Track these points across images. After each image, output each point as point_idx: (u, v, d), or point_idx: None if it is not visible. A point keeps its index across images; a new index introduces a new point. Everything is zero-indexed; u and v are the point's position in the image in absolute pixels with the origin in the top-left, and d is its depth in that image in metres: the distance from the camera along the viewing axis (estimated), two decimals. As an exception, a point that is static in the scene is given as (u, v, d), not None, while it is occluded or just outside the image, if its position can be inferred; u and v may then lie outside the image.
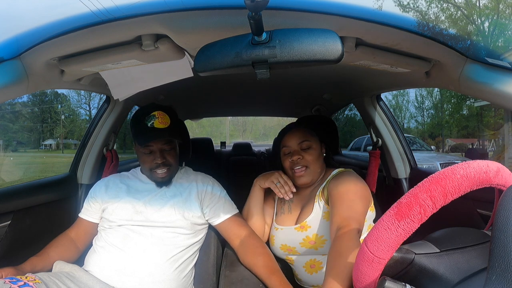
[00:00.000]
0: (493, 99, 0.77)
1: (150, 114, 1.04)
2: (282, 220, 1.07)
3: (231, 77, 1.43)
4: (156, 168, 1.06)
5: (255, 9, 0.47)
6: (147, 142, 1.04)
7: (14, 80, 0.76)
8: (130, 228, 1.01)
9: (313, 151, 1.04)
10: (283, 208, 1.10)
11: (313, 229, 0.97)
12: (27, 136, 23.93)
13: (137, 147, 1.09)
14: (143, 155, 1.07)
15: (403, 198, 0.44)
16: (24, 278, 0.79)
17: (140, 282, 0.94)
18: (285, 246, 1.02)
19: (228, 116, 4.00)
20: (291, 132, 1.08)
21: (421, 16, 13.39)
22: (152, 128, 1.03)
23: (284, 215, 1.07)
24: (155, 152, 1.06)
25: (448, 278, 0.45)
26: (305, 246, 0.98)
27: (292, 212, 1.06)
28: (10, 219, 1.12)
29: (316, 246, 0.96)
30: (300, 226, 0.99)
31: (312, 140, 1.05)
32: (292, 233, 1.00)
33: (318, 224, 0.96)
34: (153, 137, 1.03)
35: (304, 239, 0.97)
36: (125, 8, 0.68)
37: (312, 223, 0.97)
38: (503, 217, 0.39)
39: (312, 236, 0.96)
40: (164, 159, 1.06)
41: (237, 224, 1.08)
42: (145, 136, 1.03)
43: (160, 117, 1.04)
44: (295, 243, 0.99)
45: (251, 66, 0.56)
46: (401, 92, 22.75)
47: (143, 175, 1.14)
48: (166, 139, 1.06)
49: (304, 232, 0.98)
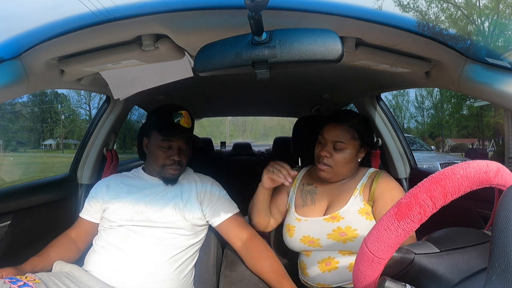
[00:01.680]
0: (493, 99, 0.77)
1: (178, 112, 1.08)
2: (306, 211, 1.03)
3: (231, 77, 1.43)
4: (171, 165, 1.07)
5: (255, 9, 0.47)
6: (172, 136, 1.07)
7: (14, 80, 0.76)
8: (130, 228, 1.01)
9: (345, 155, 0.99)
10: (305, 200, 1.06)
11: (346, 221, 0.94)
12: (27, 136, 23.93)
13: (153, 140, 1.09)
14: (159, 150, 1.08)
15: (403, 198, 0.44)
16: (24, 278, 0.79)
17: (140, 282, 0.94)
18: (307, 238, 0.98)
19: (228, 116, 4.01)
20: (334, 124, 1.01)
21: (421, 16, 13.40)
22: (178, 125, 1.07)
23: (308, 207, 1.04)
24: (174, 148, 1.08)
25: (448, 278, 0.45)
26: (333, 238, 0.94)
27: (316, 204, 1.03)
28: (10, 219, 1.12)
29: (345, 238, 0.92)
30: (331, 217, 0.96)
31: (348, 144, 0.99)
32: (320, 224, 0.97)
33: (352, 217, 0.94)
34: (178, 133, 1.07)
35: (334, 230, 0.94)
36: (125, 8, 0.68)
37: (345, 215, 0.95)
38: (503, 217, 0.39)
39: (344, 227, 0.93)
40: (180, 158, 1.08)
41: (238, 224, 1.08)
42: (170, 130, 1.06)
43: (186, 116, 1.09)
44: (321, 234, 0.96)
45: (251, 66, 0.56)
46: (401, 92, 22.77)
47: (145, 175, 1.14)
48: (186, 139, 1.10)
49: (335, 222, 0.95)
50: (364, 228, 0.93)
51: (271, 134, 35.48)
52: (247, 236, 1.06)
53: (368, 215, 0.95)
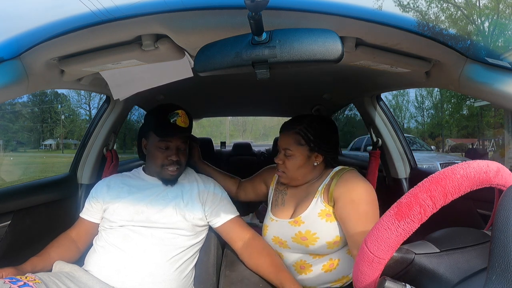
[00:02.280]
0: (493, 99, 0.77)
1: (175, 111, 1.07)
2: (278, 212, 1.06)
3: (231, 77, 1.43)
4: (169, 165, 1.07)
5: (255, 9, 0.47)
6: (169, 136, 1.06)
7: (14, 80, 0.76)
8: (130, 229, 1.01)
9: (295, 160, 1.00)
10: (277, 200, 1.09)
11: (306, 225, 0.95)
12: (27, 136, 23.92)
13: (151, 141, 1.09)
14: (157, 150, 1.07)
15: (403, 198, 0.45)
16: (24, 278, 0.79)
17: (140, 282, 0.94)
18: (276, 239, 1.02)
19: (228, 116, 4.01)
20: (283, 133, 1.04)
21: (421, 16, 13.39)
22: (175, 124, 1.06)
23: (278, 208, 1.07)
24: (172, 149, 1.07)
25: (448, 278, 0.45)
26: (296, 241, 0.97)
27: (285, 205, 1.05)
28: (10, 219, 1.11)
29: (307, 243, 0.94)
30: (294, 221, 0.98)
31: (295, 150, 0.99)
32: (286, 226, 1.00)
33: (312, 221, 0.95)
34: (175, 133, 1.06)
35: (296, 234, 0.96)
36: (125, 8, 0.68)
37: (306, 219, 0.96)
38: (503, 217, 0.39)
39: (304, 232, 0.95)
40: (178, 158, 1.07)
41: (239, 226, 1.08)
42: (167, 130, 1.05)
43: (183, 116, 1.08)
44: (287, 237, 0.99)
45: (251, 66, 0.56)
46: (401, 92, 22.74)
47: (145, 175, 1.14)
48: (184, 138, 1.09)
49: (297, 227, 0.97)
50: (325, 231, 0.93)
51: (271, 134, 35.47)
52: (249, 237, 1.06)
53: (329, 216, 0.94)
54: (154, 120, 1.10)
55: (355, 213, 0.88)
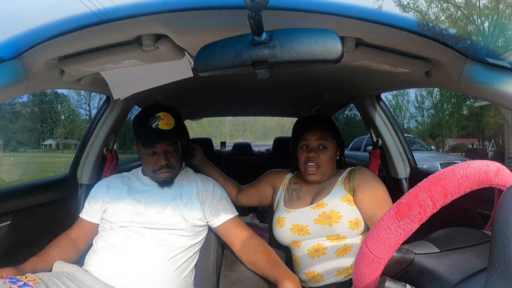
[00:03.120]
0: (493, 99, 0.77)
1: (155, 115, 1.03)
2: (293, 205, 1.10)
3: (231, 77, 1.43)
4: (160, 170, 1.05)
5: (255, 9, 0.47)
6: (152, 144, 1.03)
7: (14, 80, 0.76)
8: (130, 229, 1.01)
9: (329, 152, 1.09)
10: (292, 196, 1.14)
11: (329, 207, 1.01)
12: (27, 136, 23.92)
13: (139, 148, 1.08)
14: (146, 157, 1.06)
15: (403, 198, 0.44)
16: (24, 278, 0.79)
17: (140, 282, 0.94)
18: (296, 226, 1.04)
19: (228, 116, 4.00)
20: (314, 129, 1.11)
21: (421, 16, 13.39)
22: (157, 129, 1.02)
23: (294, 202, 1.11)
24: (159, 153, 1.05)
25: (448, 278, 0.45)
26: (320, 222, 1.01)
27: (301, 199, 1.11)
28: (10, 219, 1.12)
29: (331, 221, 0.99)
30: (317, 205, 1.04)
31: (330, 141, 1.10)
32: (307, 212, 1.04)
33: (335, 203, 1.02)
34: (158, 139, 1.02)
35: (320, 215, 1.01)
36: (125, 8, 0.68)
37: (329, 202, 1.03)
38: (503, 217, 0.39)
39: (329, 211, 1.01)
40: (167, 161, 1.05)
41: (238, 226, 1.08)
42: (149, 137, 1.02)
43: (165, 118, 1.03)
44: (309, 222, 1.02)
45: (251, 66, 0.56)
46: (401, 92, 22.75)
47: (144, 176, 1.14)
48: (170, 141, 1.06)
49: (320, 209, 1.02)
50: (347, 211, 1.00)
51: (271, 134, 35.48)
52: (247, 236, 1.06)
53: (350, 202, 1.02)
54: (137, 127, 1.07)
55: (374, 198, 0.99)
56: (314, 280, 1.03)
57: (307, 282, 1.05)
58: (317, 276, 1.02)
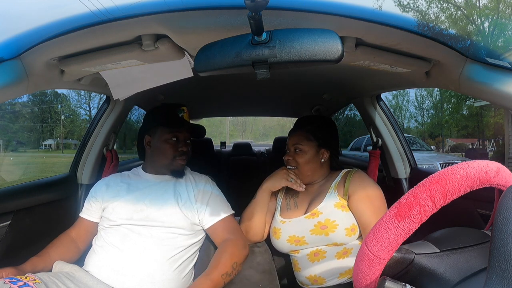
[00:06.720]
0: (493, 99, 0.77)
1: (180, 108, 1.16)
2: (289, 214, 1.10)
3: (231, 77, 1.43)
4: (180, 156, 1.12)
5: (255, 9, 0.47)
6: (182, 125, 1.14)
7: (14, 80, 0.76)
8: (129, 228, 1.01)
9: (304, 155, 1.09)
10: (289, 204, 1.13)
11: (324, 215, 1.00)
12: (27, 136, 23.91)
13: (157, 137, 1.13)
14: (166, 143, 1.11)
15: (403, 198, 0.44)
16: (24, 278, 0.79)
17: (139, 282, 0.94)
18: (293, 238, 1.04)
19: (228, 116, 4.01)
20: (294, 133, 1.14)
21: (421, 16, 13.38)
22: (183, 118, 1.15)
23: (291, 210, 1.10)
24: (181, 140, 1.13)
25: (448, 278, 0.45)
26: (316, 232, 1.00)
27: (298, 207, 1.10)
28: (10, 219, 1.12)
29: (327, 231, 0.98)
30: (311, 214, 1.03)
31: (305, 145, 1.10)
32: (302, 222, 1.03)
33: (330, 211, 1.00)
34: (185, 125, 1.15)
35: (315, 225, 1.00)
36: (125, 8, 0.68)
37: (323, 209, 1.01)
38: (503, 217, 0.39)
39: (324, 221, 0.99)
40: (187, 149, 1.14)
41: (228, 228, 1.05)
42: (177, 123, 1.14)
43: (187, 112, 1.18)
44: (305, 232, 1.02)
45: (251, 66, 0.56)
46: (401, 92, 22.72)
47: (145, 173, 1.14)
48: (190, 131, 1.18)
49: (315, 218, 1.01)
50: (342, 218, 0.99)
51: (271, 134, 35.48)
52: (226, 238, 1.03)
53: (344, 207, 1.01)
54: (162, 116, 1.15)
55: (370, 206, 0.98)
56: (316, 283, 1.02)
57: (309, 285, 1.05)
58: (319, 279, 1.01)
